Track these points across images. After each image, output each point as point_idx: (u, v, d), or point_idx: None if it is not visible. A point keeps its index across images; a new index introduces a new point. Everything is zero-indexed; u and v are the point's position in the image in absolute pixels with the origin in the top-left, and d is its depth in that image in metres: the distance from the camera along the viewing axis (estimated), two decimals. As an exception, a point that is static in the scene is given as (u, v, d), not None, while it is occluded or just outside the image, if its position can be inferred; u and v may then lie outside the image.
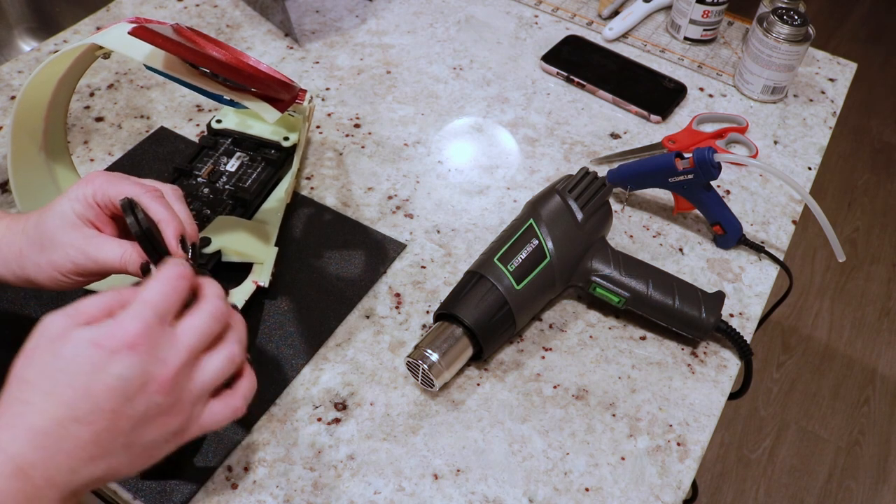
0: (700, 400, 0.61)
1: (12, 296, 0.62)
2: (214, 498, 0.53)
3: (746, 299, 0.68)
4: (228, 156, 0.69)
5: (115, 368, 0.40)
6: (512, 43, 0.93)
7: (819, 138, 0.85)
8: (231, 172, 0.67)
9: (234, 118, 0.72)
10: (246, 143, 0.70)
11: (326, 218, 0.71)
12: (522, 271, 0.60)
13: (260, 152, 0.70)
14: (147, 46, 0.54)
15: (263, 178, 0.68)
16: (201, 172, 0.67)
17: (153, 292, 0.42)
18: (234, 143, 0.70)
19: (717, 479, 1.52)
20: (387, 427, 0.57)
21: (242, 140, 0.70)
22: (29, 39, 1.11)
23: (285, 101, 0.57)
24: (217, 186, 0.66)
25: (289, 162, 0.71)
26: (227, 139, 0.70)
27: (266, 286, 0.62)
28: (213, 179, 0.67)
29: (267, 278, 0.62)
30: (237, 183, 0.67)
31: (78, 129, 0.78)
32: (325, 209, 0.72)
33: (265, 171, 0.68)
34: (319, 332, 0.62)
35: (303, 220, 0.71)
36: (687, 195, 0.70)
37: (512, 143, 0.81)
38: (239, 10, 0.94)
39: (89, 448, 0.40)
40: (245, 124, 0.71)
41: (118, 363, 0.40)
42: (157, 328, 0.41)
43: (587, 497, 0.55)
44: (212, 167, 0.67)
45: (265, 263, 0.63)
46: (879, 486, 1.53)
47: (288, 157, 0.71)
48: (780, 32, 0.82)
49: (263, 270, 0.63)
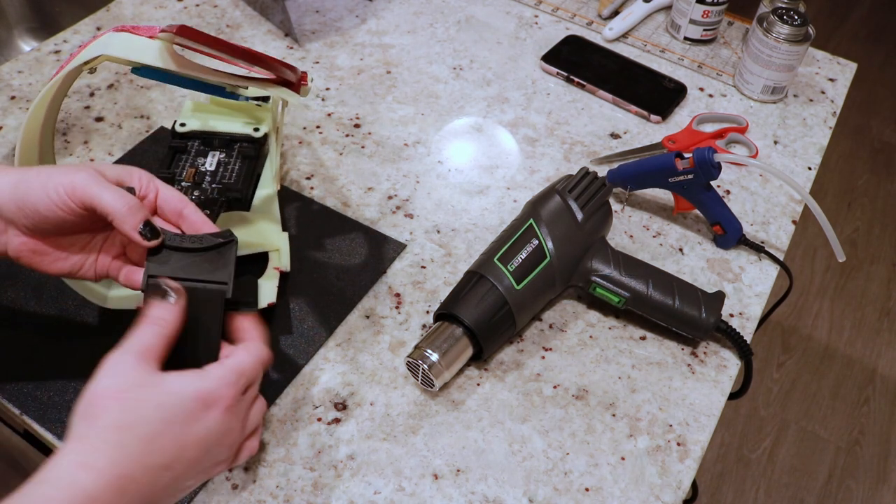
0: (700, 400, 0.61)
1: (12, 296, 0.62)
2: (214, 498, 0.53)
3: (746, 299, 0.68)
4: (202, 156, 0.68)
5: (208, 423, 0.44)
6: (512, 43, 0.93)
7: (819, 138, 0.85)
8: (212, 171, 0.67)
9: (196, 120, 0.71)
10: (217, 141, 0.69)
11: (326, 218, 0.71)
12: (522, 271, 0.60)
13: (233, 147, 0.69)
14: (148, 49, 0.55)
15: (246, 172, 0.67)
16: (183, 177, 0.66)
17: (250, 366, 0.47)
18: (204, 143, 0.69)
19: (717, 479, 1.52)
20: (387, 427, 0.57)
21: (212, 139, 0.69)
22: (29, 39, 1.11)
23: (296, 84, 0.60)
24: (204, 188, 0.66)
25: (265, 151, 0.71)
26: (195, 140, 0.70)
27: (288, 270, 0.64)
28: (199, 181, 0.66)
29: (287, 262, 0.64)
30: (222, 181, 0.66)
31: (78, 129, 0.78)
32: (325, 209, 0.72)
33: (245, 165, 0.68)
34: (319, 332, 0.62)
35: (303, 221, 0.71)
36: (687, 195, 0.70)
37: (512, 143, 0.81)
38: (239, 10, 0.94)
39: (159, 493, 0.43)
40: (208, 124, 0.70)
41: (212, 420, 0.44)
42: (241, 395, 0.47)
43: (587, 497, 0.55)
44: (193, 170, 0.67)
45: (281, 249, 0.64)
46: (879, 486, 1.53)
47: (262, 146, 0.71)
48: (780, 32, 0.82)
49: (281, 256, 0.64)
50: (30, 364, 0.59)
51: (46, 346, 0.60)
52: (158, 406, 0.43)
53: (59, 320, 0.61)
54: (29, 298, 0.62)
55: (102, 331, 0.60)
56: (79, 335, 0.60)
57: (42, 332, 0.60)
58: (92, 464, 0.40)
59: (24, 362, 0.58)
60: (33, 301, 0.62)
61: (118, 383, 0.42)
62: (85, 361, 0.58)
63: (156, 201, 0.51)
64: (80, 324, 0.61)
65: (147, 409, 0.42)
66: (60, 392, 0.57)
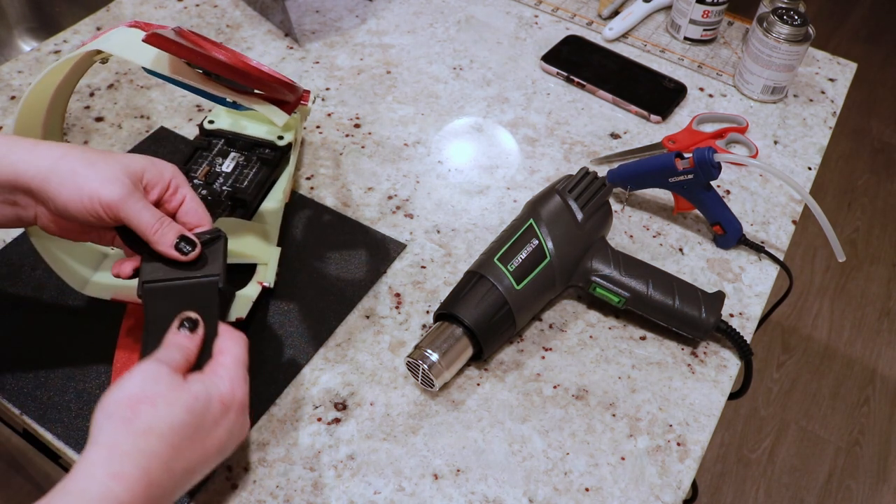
0: (700, 400, 0.61)
1: (12, 296, 0.62)
2: (214, 498, 0.53)
3: (746, 299, 0.68)
4: (223, 156, 0.69)
5: (228, 425, 0.45)
6: (512, 43, 0.93)
7: (819, 138, 0.85)
8: (227, 173, 0.67)
9: (227, 119, 0.71)
10: (240, 143, 0.70)
11: (326, 218, 0.71)
12: (522, 271, 0.60)
13: (255, 152, 0.70)
14: (151, 51, 0.54)
15: (260, 179, 0.68)
16: (197, 174, 0.66)
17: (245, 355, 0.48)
18: (227, 144, 0.70)
19: (717, 479, 1.52)
20: (387, 427, 0.57)
21: (236, 140, 0.70)
22: (29, 39, 1.11)
23: (291, 103, 0.58)
24: (214, 188, 0.66)
25: (284, 161, 0.71)
26: (220, 140, 0.70)
27: (271, 286, 0.62)
28: (210, 181, 0.66)
29: (272, 279, 0.62)
30: (234, 184, 0.67)
31: (78, 129, 0.78)
32: (325, 209, 0.72)
33: (261, 171, 0.68)
34: (319, 332, 0.62)
35: (303, 221, 0.70)
36: (687, 195, 0.70)
37: (512, 143, 0.81)
38: (239, 10, 0.94)
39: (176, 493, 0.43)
40: (239, 125, 0.71)
41: (231, 421, 0.46)
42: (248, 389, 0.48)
43: (587, 497, 0.55)
44: (207, 169, 0.67)
45: (269, 264, 0.63)
46: (879, 486, 1.53)
47: (283, 156, 0.71)
48: (780, 32, 0.82)
49: (268, 271, 0.63)
50: (30, 364, 0.59)
51: (46, 346, 0.60)
52: (189, 411, 0.43)
53: (60, 320, 0.61)
54: (29, 298, 0.62)
55: (103, 331, 0.60)
56: (79, 336, 0.60)
57: (42, 332, 0.60)
58: (123, 473, 0.40)
59: (23, 362, 0.58)
60: (33, 301, 0.62)
61: (152, 388, 0.43)
62: (85, 362, 0.59)
63: (178, 206, 0.52)
64: (81, 324, 0.61)
65: (179, 414, 0.42)
66: (60, 392, 0.57)
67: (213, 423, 0.44)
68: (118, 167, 0.49)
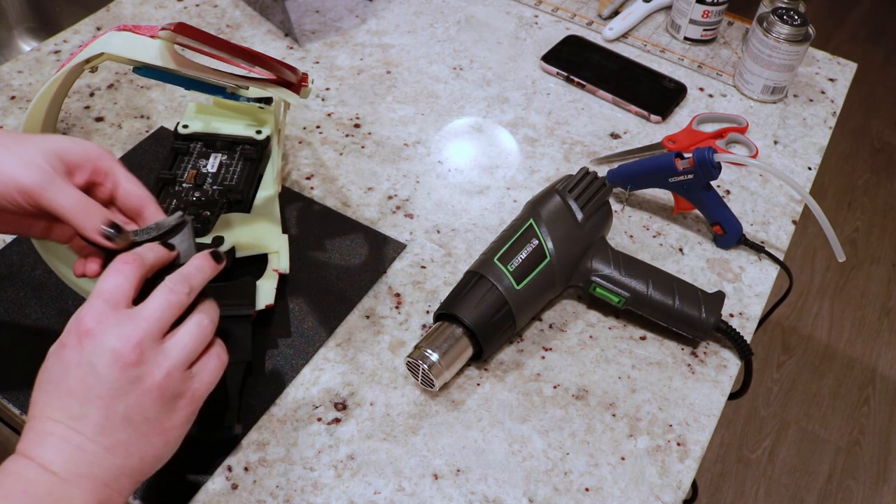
0: (700, 400, 0.61)
1: (12, 296, 0.62)
2: (214, 498, 0.53)
3: (746, 299, 0.68)
4: (204, 158, 0.69)
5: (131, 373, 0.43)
6: (512, 43, 0.93)
7: (819, 138, 0.85)
8: (213, 173, 0.67)
9: (199, 122, 0.71)
10: (219, 143, 0.70)
11: (326, 218, 0.71)
12: (522, 271, 0.60)
13: (236, 149, 0.70)
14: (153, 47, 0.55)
15: (247, 174, 0.68)
16: (184, 178, 0.67)
17: (154, 308, 0.44)
18: (206, 146, 0.70)
19: (717, 479, 1.52)
20: (387, 427, 0.57)
21: (214, 140, 0.70)
22: (29, 39, 1.12)
23: (296, 85, 0.59)
24: (205, 189, 0.66)
25: (267, 153, 0.72)
26: (197, 143, 0.70)
27: (287, 272, 0.63)
28: (199, 182, 0.66)
29: (286, 265, 0.63)
30: (223, 182, 0.67)
31: (78, 129, 0.78)
32: (324, 209, 0.72)
33: (246, 167, 0.68)
34: (319, 332, 0.62)
35: (303, 221, 0.71)
36: (687, 195, 0.70)
37: (512, 143, 0.81)
38: (239, 10, 0.94)
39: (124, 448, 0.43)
40: (211, 126, 0.71)
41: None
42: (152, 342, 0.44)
43: (587, 497, 0.55)
44: (194, 172, 0.67)
45: (280, 251, 0.64)
46: (879, 486, 1.53)
47: (265, 149, 0.71)
48: (780, 32, 0.82)
49: (280, 258, 0.64)
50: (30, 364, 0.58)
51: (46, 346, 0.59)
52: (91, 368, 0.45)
53: (59, 320, 0.61)
54: (29, 298, 0.62)
55: (102, 331, 0.60)
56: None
57: (42, 332, 0.60)
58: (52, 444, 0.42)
59: (24, 362, 0.58)
60: (33, 301, 0.62)
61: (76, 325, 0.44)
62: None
63: (114, 191, 0.49)
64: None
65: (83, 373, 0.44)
66: (60, 392, 0.57)
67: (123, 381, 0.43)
68: (35, 151, 0.45)
